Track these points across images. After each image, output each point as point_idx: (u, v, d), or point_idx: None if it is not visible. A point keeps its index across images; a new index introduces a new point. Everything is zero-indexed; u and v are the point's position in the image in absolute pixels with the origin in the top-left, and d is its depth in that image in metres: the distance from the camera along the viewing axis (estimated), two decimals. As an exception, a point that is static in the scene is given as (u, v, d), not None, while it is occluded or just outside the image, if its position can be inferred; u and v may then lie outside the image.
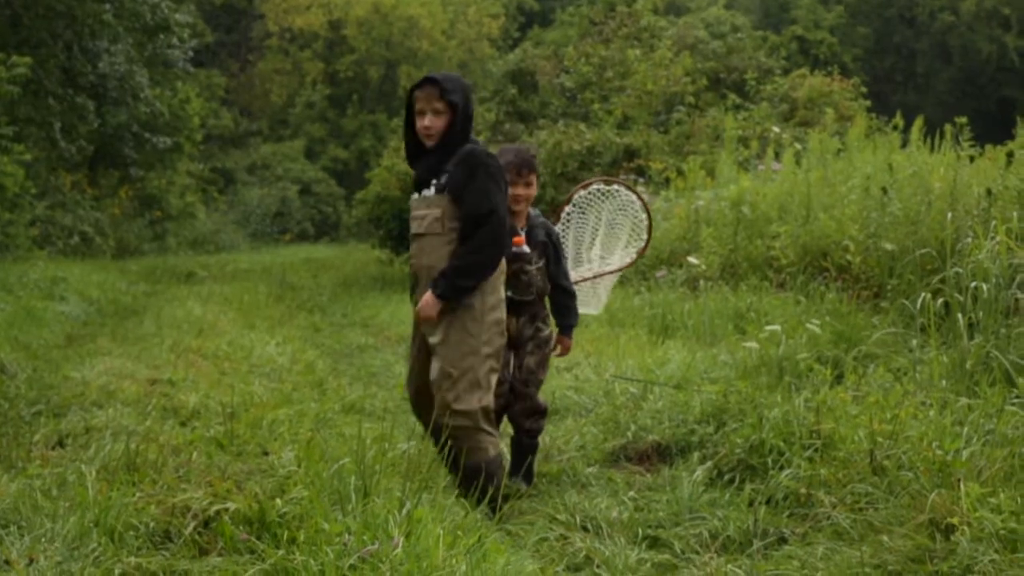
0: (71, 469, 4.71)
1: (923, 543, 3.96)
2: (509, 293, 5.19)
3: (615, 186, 6.27)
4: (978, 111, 38.43)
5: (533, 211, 5.47)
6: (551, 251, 5.44)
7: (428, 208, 4.75)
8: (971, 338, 6.11)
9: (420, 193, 4.82)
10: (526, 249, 5.33)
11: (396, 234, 18.86)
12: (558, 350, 5.54)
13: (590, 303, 6.25)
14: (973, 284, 6.38)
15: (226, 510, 3.95)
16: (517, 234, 5.31)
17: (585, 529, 4.54)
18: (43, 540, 3.73)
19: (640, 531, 4.50)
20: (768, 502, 4.74)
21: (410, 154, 4.91)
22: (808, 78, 19.59)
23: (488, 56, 38.41)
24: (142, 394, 6.86)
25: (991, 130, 19.53)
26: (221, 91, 38.62)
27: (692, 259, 10.74)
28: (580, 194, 6.22)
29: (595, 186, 6.25)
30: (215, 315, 11.86)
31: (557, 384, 7.39)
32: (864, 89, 19.89)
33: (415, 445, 4.88)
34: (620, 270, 6.28)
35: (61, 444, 5.60)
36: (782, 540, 4.36)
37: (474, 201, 4.65)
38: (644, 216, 6.18)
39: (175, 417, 6.33)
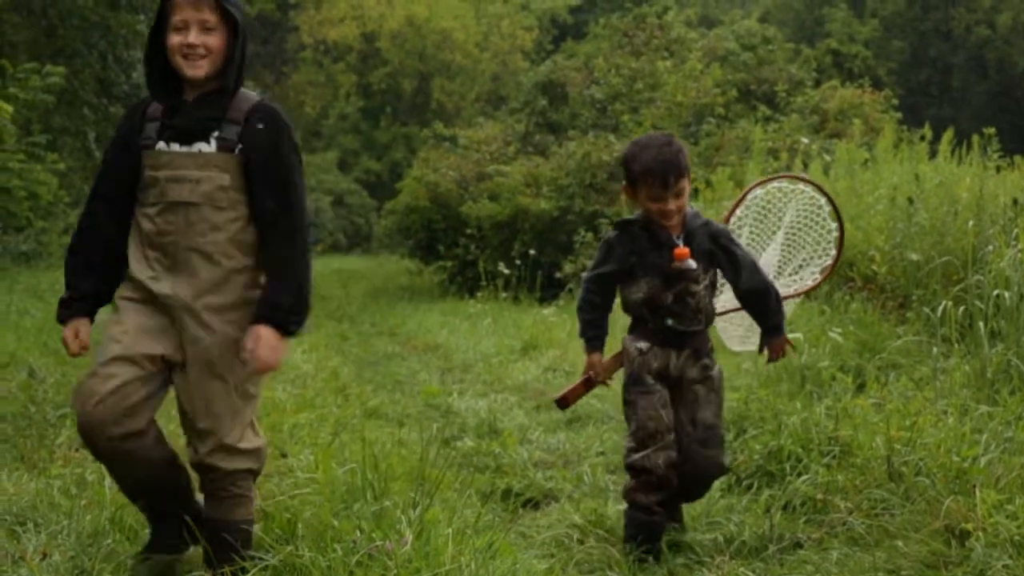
0: (91, 469, 4.76)
1: (938, 549, 3.94)
2: (670, 322, 4.33)
3: (800, 184, 5.11)
4: (1014, 124, 38.16)
5: (690, 210, 4.31)
6: (721, 258, 4.31)
7: (204, 169, 3.50)
8: (992, 346, 6.08)
9: (189, 145, 3.52)
10: (692, 264, 4.22)
11: (425, 244, 19.07)
12: (766, 355, 4.49)
13: (733, 338, 5.20)
14: (995, 292, 6.35)
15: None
16: (676, 245, 4.24)
17: (600, 533, 4.54)
18: (59, 536, 3.78)
19: (655, 536, 4.48)
20: (785, 508, 4.72)
21: (157, 88, 3.57)
22: (839, 90, 19.53)
23: (521, 69, 38.47)
24: (166, 397, 6.90)
25: (1026, 143, 19.42)
26: (255, 103, 38.90)
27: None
28: (756, 193, 5.13)
29: (775, 183, 5.13)
30: (243, 323, 11.90)
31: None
32: (896, 101, 19.81)
33: (432, 448, 4.89)
34: (799, 294, 5.23)
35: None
36: (797, 545, 4.35)
37: (277, 181, 3.53)
38: (835, 226, 4.98)
39: (198, 420, 6.37)
